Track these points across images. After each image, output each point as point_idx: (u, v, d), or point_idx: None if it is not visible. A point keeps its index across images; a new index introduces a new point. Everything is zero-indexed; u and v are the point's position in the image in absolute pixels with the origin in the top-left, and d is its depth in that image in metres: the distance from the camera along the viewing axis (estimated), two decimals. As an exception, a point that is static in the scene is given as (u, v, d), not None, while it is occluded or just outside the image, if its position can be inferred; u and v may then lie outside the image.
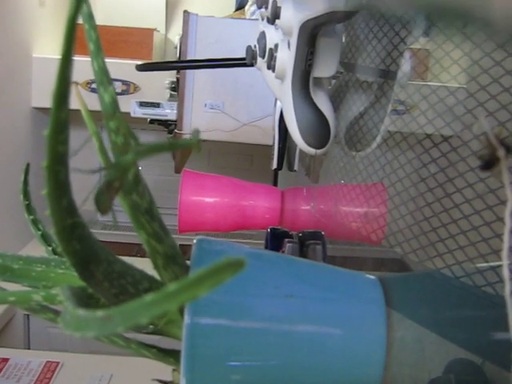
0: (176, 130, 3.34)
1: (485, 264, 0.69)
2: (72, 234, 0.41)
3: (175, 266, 0.54)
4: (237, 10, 3.95)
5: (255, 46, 0.97)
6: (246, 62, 1.08)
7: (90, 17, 0.54)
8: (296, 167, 1.53)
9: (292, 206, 1.46)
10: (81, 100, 0.52)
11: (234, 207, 1.46)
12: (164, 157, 3.69)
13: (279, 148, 1.51)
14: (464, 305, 0.61)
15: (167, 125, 3.77)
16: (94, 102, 0.50)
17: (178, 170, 3.34)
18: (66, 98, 0.34)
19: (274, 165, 1.56)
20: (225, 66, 2.33)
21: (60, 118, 0.35)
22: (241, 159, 4.28)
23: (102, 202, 0.43)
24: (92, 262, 0.45)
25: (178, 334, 0.54)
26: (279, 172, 2.44)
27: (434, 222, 0.87)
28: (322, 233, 1.15)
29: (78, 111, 0.57)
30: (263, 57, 0.93)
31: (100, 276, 0.47)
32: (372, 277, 0.60)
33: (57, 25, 3.94)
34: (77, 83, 0.49)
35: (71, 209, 0.40)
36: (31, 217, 0.69)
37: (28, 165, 0.72)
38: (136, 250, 3.67)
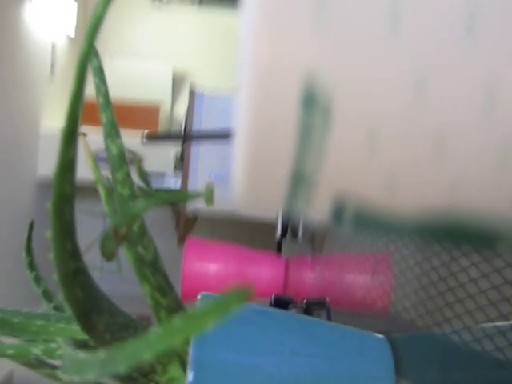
0: (180, 206, 3.34)
1: (491, 324, 0.68)
2: (75, 280, 0.40)
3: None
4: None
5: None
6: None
7: (101, 71, 0.55)
8: (300, 235, 1.52)
9: (296, 274, 1.44)
10: (88, 150, 0.52)
11: (238, 275, 1.45)
12: (167, 228, 3.68)
13: (283, 216, 1.51)
14: (471, 367, 0.59)
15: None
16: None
17: (180, 242, 3.32)
18: (74, 136, 0.34)
19: (279, 232, 1.55)
20: (229, 137, 2.36)
21: (68, 157, 0.35)
22: (245, 230, 4.27)
23: (108, 247, 0.43)
24: (94, 312, 0.44)
25: (180, 393, 0.52)
26: (283, 240, 2.43)
27: (440, 286, 0.86)
28: (327, 300, 1.13)
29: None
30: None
31: (102, 327, 0.45)
32: (380, 336, 0.59)
33: (65, 99, 4.02)
34: (85, 134, 0.49)
35: (75, 253, 0.39)
36: (33, 273, 0.68)
37: (33, 221, 0.72)
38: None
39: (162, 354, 0.26)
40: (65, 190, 0.35)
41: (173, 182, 3.57)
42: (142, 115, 3.84)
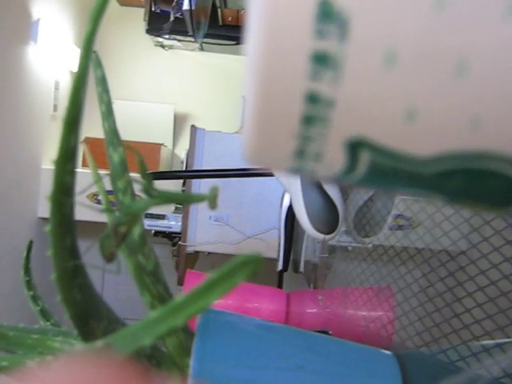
0: (180, 243, 3.33)
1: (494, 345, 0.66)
2: (73, 281, 0.39)
3: (180, 331, 0.51)
4: (242, 127, 4.07)
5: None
6: (252, 172, 1.09)
7: (103, 80, 0.54)
8: (302, 268, 1.50)
9: (298, 309, 1.42)
10: (89, 155, 0.51)
11: (238, 310, 1.42)
12: (167, 268, 3.65)
13: (285, 249, 1.50)
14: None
15: (171, 237, 3.77)
16: (98, 214, 0.48)
17: (180, 282, 3.29)
18: (77, 124, 0.34)
19: (280, 266, 1.54)
20: (231, 176, 2.36)
21: (69, 145, 0.34)
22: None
23: (108, 247, 0.41)
24: (92, 317, 0.43)
25: (180, 410, 0.50)
26: (284, 275, 2.41)
27: (445, 312, 0.84)
28: (330, 332, 1.10)
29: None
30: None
31: (99, 334, 0.44)
32: (388, 352, 0.57)
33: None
34: (86, 141, 0.48)
35: (74, 250, 0.38)
36: (31, 292, 0.67)
37: (31, 242, 0.71)
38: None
39: (166, 335, 0.25)
40: (65, 180, 0.34)
41: (173, 224, 3.57)
42: (143, 155, 3.85)
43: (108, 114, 0.53)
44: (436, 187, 0.20)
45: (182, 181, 3.48)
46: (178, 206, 3.64)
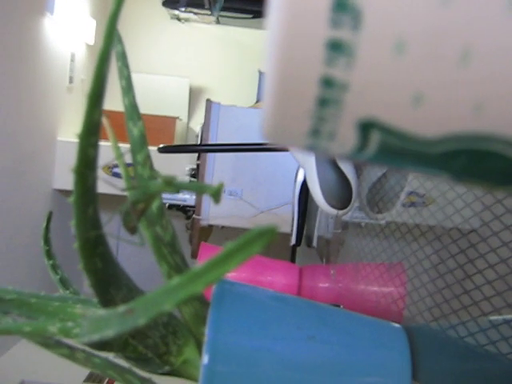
0: (194, 216, 3.35)
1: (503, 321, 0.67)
2: (95, 250, 0.41)
3: (195, 301, 0.52)
4: (257, 101, 4.07)
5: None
6: (266, 147, 1.09)
7: (124, 56, 0.55)
8: (315, 243, 1.52)
9: (310, 283, 1.43)
10: (109, 130, 0.53)
11: (251, 283, 1.44)
12: (181, 241, 3.68)
13: (298, 224, 1.51)
14: (486, 359, 0.58)
15: (185, 211, 3.80)
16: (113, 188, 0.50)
17: (194, 255, 3.33)
18: (101, 99, 0.35)
19: (293, 241, 1.55)
20: (246, 150, 2.36)
21: (93, 119, 0.35)
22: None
23: (128, 221, 0.43)
24: (112, 286, 0.44)
25: (195, 375, 0.52)
26: (297, 250, 2.42)
27: (455, 288, 0.85)
28: (341, 306, 1.12)
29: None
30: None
31: (119, 302, 0.45)
32: (397, 325, 0.58)
33: (79, 111, 4.08)
34: (107, 115, 0.50)
35: (96, 220, 0.40)
36: (51, 262, 0.68)
37: (51, 212, 0.73)
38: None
39: (186, 301, 0.26)
40: (89, 153, 0.36)
41: (188, 197, 3.59)
42: (158, 128, 3.86)
43: (128, 88, 0.54)
44: (441, 166, 0.21)
45: (196, 154, 3.49)
46: (193, 179, 3.66)
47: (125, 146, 0.52)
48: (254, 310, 0.54)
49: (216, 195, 0.37)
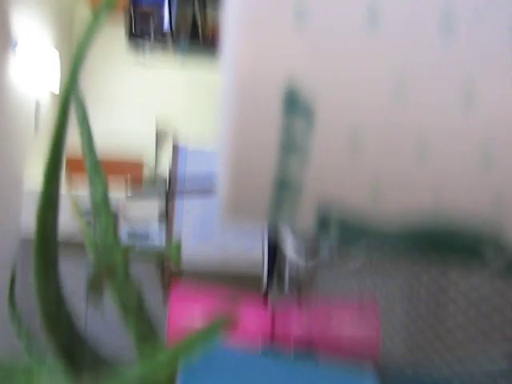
0: (164, 262, 3.32)
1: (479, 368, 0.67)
2: (59, 324, 0.40)
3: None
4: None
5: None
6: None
7: (85, 120, 0.55)
8: (287, 289, 1.51)
9: (283, 330, 1.42)
10: (75, 205, 0.52)
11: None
12: (153, 287, 3.64)
13: (268, 270, 1.51)
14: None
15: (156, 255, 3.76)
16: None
17: (166, 299, 3.28)
18: (57, 174, 0.34)
19: (264, 287, 1.54)
20: (213, 194, 2.36)
21: (50, 190, 0.34)
22: (231, 284, 4.24)
23: (94, 289, 0.42)
24: (78, 353, 0.43)
25: None
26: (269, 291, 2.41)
27: (427, 332, 0.85)
28: (315, 351, 1.12)
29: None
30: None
31: (85, 371, 0.44)
32: (370, 372, 0.58)
33: (41, 158, 4.05)
34: (72, 185, 0.49)
35: (59, 296, 0.39)
36: (20, 328, 0.67)
37: (15, 270, 0.71)
38: None
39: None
40: (48, 225, 0.35)
41: (157, 235, 3.56)
42: (126, 169, 3.85)
43: (90, 151, 0.54)
44: (402, 243, 0.21)
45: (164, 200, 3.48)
46: (161, 223, 3.64)
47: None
48: (222, 376, 0.53)
49: (175, 257, 0.37)
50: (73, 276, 3.16)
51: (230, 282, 4.09)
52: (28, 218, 3.61)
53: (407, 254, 0.23)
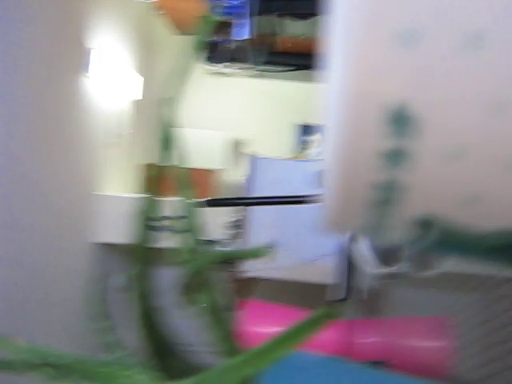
0: (236, 269, 3.34)
1: None
2: (154, 320, 0.42)
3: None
4: (297, 151, 4.11)
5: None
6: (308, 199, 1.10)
7: (176, 138, 0.57)
8: (362, 296, 1.51)
9: (360, 339, 1.42)
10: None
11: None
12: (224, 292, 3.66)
13: (345, 278, 1.50)
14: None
15: (228, 262, 3.79)
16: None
17: (234, 308, 3.30)
18: (159, 180, 0.37)
19: (342, 295, 1.54)
20: (288, 203, 2.37)
21: (152, 197, 0.37)
22: (297, 297, 4.23)
23: (187, 293, 0.44)
24: (169, 353, 0.45)
25: None
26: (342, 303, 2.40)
27: (503, 346, 0.83)
28: (391, 362, 1.11)
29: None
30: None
31: (175, 369, 0.46)
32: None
33: (118, 165, 4.15)
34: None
35: (155, 292, 0.41)
36: (107, 323, 0.69)
37: (107, 275, 0.74)
38: None
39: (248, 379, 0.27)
40: (148, 229, 0.37)
41: (230, 242, 3.59)
42: (201, 176, 3.90)
43: (181, 162, 0.57)
44: (499, 255, 0.22)
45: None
46: (232, 232, 3.66)
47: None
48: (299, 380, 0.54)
49: (269, 256, 0.39)
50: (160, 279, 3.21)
51: (299, 290, 4.08)
52: (100, 224, 3.66)
53: (496, 266, 0.24)
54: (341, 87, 0.19)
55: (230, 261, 3.71)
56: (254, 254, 0.40)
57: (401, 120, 0.19)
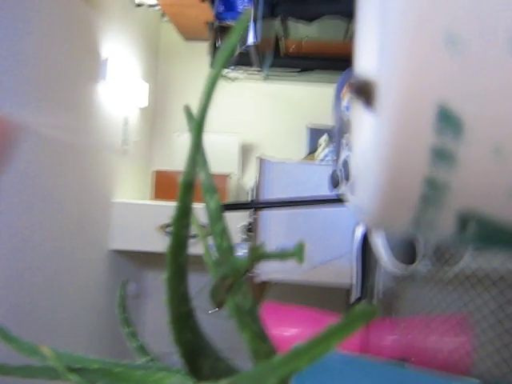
0: (249, 274, 3.35)
1: None
2: (186, 323, 0.43)
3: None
4: (308, 154, 4.11)
5: (340, 171, 1.00)
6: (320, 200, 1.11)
7: (198, 144, 0.58)
8: (376, 298, 1.51)
9: (378, 338, 1.42)
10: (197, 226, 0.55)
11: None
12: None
13: (360, 278, 1.51)
14: None
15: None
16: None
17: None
18: (191, 187, 0.38)
19: (357, 294, 1.55)
20: (302, 205, 2.38)
21: (185, 204, 0.38)
22: (314, 299, 4.23)
23: (217, 296, 0.45)
24: (201, 355, 0.46)
25: None
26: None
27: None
28: (412, 359, 1.11)
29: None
30: (347, 179, 0.96)
31: (207, 371, 0.47)
32: (476, 381, 0.58)
33: (135, 173, 4.18)
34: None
35: (186, 296, 0.42)
36: (129, 329, 0.70)
37: (126, 280, 0.75)
38: None
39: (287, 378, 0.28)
40: (182, 234, 0.38)
41: (242, 246, 3.61)
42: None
43: (204, 164, 0.57)
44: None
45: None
46: (245, 236, 3.68)
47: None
48: (326, 376, 0.55)
49: (300, 257, 0.39)
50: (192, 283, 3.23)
51: (315, 292, 4.08)
52: (117, 231, 3.69)
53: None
54: (389, 87, 0.19)
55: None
56: (286, 255, 0.41)
57: (448, 119, 0.20)
